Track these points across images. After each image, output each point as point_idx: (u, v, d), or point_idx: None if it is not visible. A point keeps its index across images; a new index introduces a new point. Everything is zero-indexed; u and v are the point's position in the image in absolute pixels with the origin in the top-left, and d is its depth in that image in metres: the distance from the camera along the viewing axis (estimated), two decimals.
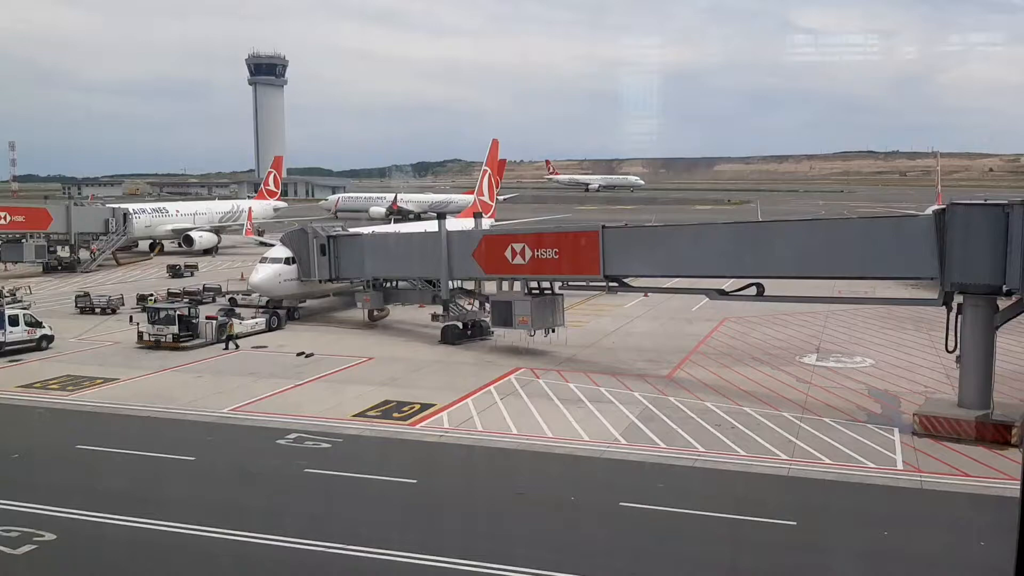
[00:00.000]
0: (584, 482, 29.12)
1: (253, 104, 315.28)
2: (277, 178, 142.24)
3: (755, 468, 29.79)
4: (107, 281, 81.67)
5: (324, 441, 32.69)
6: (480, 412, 36.66)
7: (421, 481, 28.76)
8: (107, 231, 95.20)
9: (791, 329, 56.09)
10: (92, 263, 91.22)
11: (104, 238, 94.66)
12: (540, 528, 25.18)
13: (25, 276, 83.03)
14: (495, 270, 49.59)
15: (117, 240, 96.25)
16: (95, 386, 41.54)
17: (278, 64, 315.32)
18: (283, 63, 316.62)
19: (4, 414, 37.52)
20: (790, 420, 35.21)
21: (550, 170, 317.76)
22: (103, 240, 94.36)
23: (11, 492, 27.18)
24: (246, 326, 53.92)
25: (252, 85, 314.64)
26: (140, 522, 24.96)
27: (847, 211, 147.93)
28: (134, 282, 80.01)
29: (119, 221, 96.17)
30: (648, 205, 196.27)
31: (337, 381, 42.52)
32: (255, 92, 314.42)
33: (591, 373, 43.75)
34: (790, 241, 40.28)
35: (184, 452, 31.47)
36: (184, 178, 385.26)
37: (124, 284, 77.99)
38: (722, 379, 42.60)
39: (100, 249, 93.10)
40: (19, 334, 48.43)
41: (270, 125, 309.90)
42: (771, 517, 25.26)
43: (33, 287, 72.39)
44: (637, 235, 46.71)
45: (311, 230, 58.69)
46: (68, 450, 32.19)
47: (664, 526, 25.17)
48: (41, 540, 23.72)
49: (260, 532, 24.20)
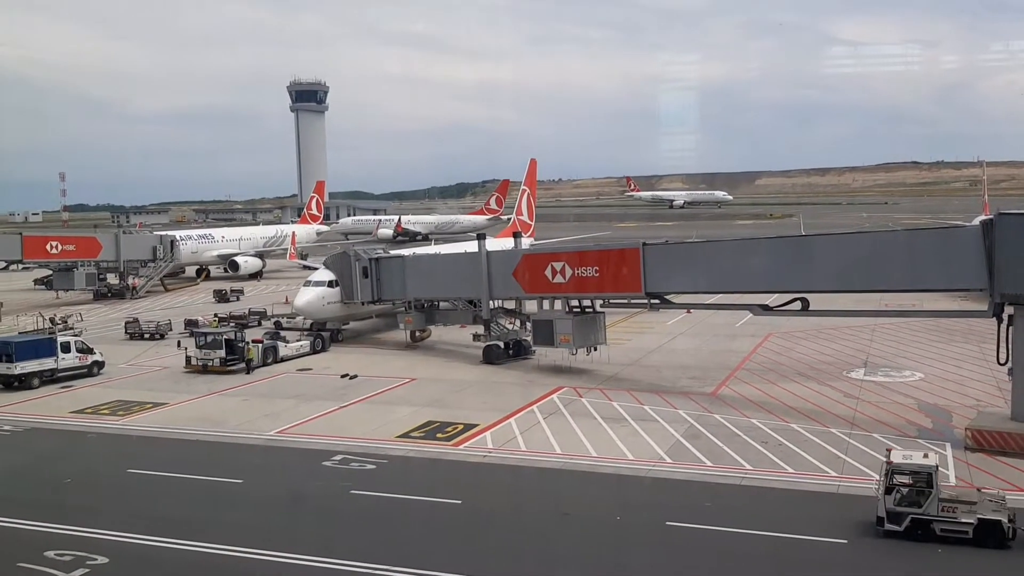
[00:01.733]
0: (629, 501, 28.88)
1: (295, 130, 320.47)
2: (320, 203, 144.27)
3: (804, 486, 29.35)
4: (155, 307, 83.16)
5: (369, 462, 32.87)
6: (523, 432, 36.61)
7: (466, 502, 28.76)
8: (155, 258, 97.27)
9: (837, 343, 55.30)
10: (142, 289, 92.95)
11: (151, 265, 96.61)
12: (586, 548, 25.03)
13: (76, 304, 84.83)
14: (536, 289, 49.62)
15: (165, 267, 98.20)
16: (145, 411, 42.25)
17: (319, 91, 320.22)
18: (324, 89, 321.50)
19: (57, 439, 38.28)
20: (838, 436, 34.67)
21: (631, 187, 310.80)
22: (150, 267, 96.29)
23: (64, 516, 27.71)
24: (291, 349, 54.56)
25: (294, 112, 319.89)
26: (191, 545, 25.28)
27: (891, 223, 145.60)
28: (181, 307, 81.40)
29: (166, 248, 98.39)
30: (688, 221, 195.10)
31: (381, 402, 42.76)
32: (297, 118, 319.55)
33: (635, 391, 43.50)
34: (834, 255, 39.80)
35: (232, 475, 31.84)
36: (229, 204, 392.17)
37: (172, 310, 79.37)
38: (768, 395, 42.11)
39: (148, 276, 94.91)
40: (71, 361, 49.46)
41: (312, 150, 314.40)
42: (821, 535, 24.84)
43: (84, 314, 73.87)
44: (678, 251, 46.46)
45: (353, 253, 59.30)
46: (120, 474, 32.72)
47: (711, 545, 24.86)
48: (94, 564, 24.10)
49: (308, 555, 24.35)
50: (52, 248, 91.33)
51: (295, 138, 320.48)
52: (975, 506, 24.36)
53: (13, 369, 46.54)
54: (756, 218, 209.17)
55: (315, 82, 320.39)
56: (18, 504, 29.23)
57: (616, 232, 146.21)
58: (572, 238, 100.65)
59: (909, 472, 24.86)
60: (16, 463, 35.05)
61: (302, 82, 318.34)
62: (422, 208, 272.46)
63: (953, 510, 24.30)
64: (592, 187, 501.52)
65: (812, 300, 41.62)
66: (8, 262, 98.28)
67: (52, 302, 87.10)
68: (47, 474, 33.40)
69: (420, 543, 25.57)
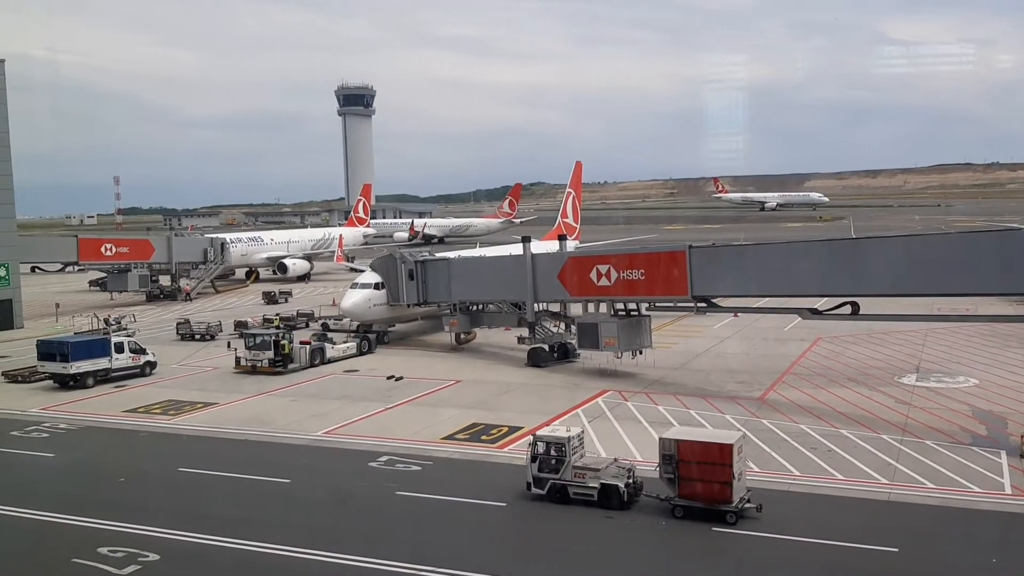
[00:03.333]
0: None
1: (343, 134, 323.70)
2: (366, 206, 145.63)
3: (854, 492, 28.88)
4: (206, 308, 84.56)
5: (414, 463, 33.05)
6: None
7: (511, 504, 28.77)
8: (205, 260, 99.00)
9: (888, 348, 54.32)
10: (194, 291, 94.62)
11: (202, 267, 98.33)
12: (631, 552, 24.88)
13: (129, 305, 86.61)
14: (581, 292, 49.50)
15: (215, 269, 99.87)
16: (195, 410, 42.97)
17: (366, 94, 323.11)
18: (371, 93, 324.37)
19: (110, 438, 39.10)
20: (889, 443, 34.05)
21: (718, 188, 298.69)
22: (201, 269, 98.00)
23: (117, 513, 28.27)
24: (338, 350, 55.10)
25: (342, 115, 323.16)
26: (240, 543, 25.64)
27: (945, 226, 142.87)
28: (231, 309, 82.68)
29: (217, 251, 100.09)
30: (736, 223, 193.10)
31: (426, 404, 42.98)
32: (344, 122, 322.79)
33: (681, 395, 43.17)
34: (886, 258, 39.12)
35: (280, 474, 32.23)
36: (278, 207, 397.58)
37: (222, 311, 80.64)
38: (817, 400, 41.51)
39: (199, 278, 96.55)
40: (124, 361, 50.51)
41: (359, 153, 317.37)
42: (872, 543, 24.41)
43: (137, 315, 75.41)
44: (725, 254, 45.94)
45: (399, 256, 59.72)
46: (171, 473, 33.31)
47: (759, 552, 24.57)
48: (146, 561, 24.56)
49: (355, 555, 24.55)
50: (107, 250, 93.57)
51: (342, 141, 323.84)
52: (599, 472, 27.96)
53: (69, 369, 47.66)
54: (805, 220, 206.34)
55: (362, 86, 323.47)
56: (73, 501, 29.93)
57: (663, 235, 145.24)
58: (618, 241, 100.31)
59: (548, 443, 28.78)
60: (71, 461, 35.86)
61: (349, 86, 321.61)
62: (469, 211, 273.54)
63: (583, 476, 28.08)
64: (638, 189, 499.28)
65: (863, 304, 40.95)
66: (64, 264, 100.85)
67: (106, 303, 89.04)
68: (101, 472, 34.14)
69: (465, 545, 25.64)
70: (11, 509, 29.13)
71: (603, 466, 28.44)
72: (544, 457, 28.67)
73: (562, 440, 28.70)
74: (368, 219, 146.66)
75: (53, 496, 30.83)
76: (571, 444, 28.56)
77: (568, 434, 29.00)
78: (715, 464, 26.43)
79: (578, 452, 28.87)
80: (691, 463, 26.75)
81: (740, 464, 26.73)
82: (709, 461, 26.55)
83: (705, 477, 26.50)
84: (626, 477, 27.94)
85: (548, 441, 28.98)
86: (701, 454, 26.75)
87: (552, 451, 28.67)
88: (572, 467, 28.28)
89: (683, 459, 26.85)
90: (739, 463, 26.60)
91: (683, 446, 27.03)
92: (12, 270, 73.60)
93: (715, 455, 26.54)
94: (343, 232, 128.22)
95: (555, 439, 28.92)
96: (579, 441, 29.25)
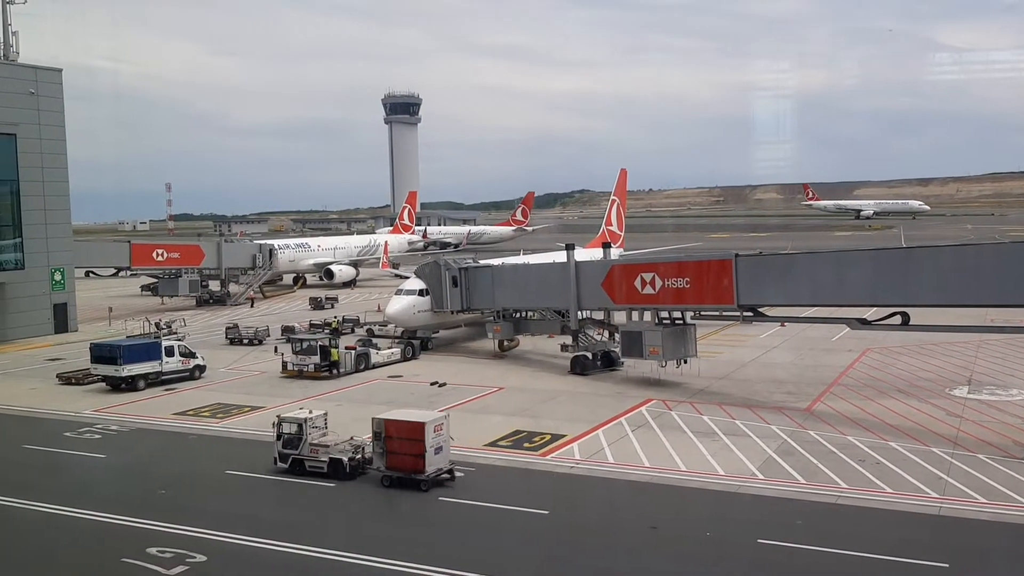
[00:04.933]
0: (720, 517, 28.39)
1: (389, 142, 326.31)
2: (412, 213, 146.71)
3: (902, 506, 28.36)
4: (254, 313, 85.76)
5: (457, 470, 33.13)
6: (611, 444, 36.40)
7: (553, 512, 28.75)
8: (254, 266, 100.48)
9: (939, 360, 53.27)
10: (240, 296, 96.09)
11: (251, 273, 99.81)
12: (676, 564, 24.74)
13: (180, 309, 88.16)
14: (624, 300, 49.32)
15: (264, 274, 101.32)
16: (243, 414, 43.60)
17: (412, 103, 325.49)
18: (417, 102, 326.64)
19: (160, 440, 39.82)
20: (940, 456, 33.39)
21: (808, 195, 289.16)
22: (250, 275, 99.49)
23: (166, 515, 28.78)
24: (383, 356, 55.54)
25: (388, 123, 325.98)
26: (285, 546, 25.94)
27: (998, 235, 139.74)
28: (279, 314, 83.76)
29: (265, 256, 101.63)
30: (783, 232, 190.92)
31: (469, 410, 43.11)
32: (391, 130, 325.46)
33: (726, 405, 42.77)
34: (937, 268, 38.46)
35: (325, 479, 32.48)
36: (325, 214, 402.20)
37: (269, 316, 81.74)
38: (865, 412, 40.85)
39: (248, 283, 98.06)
40: (175, 364, 51.46)
41: (405, 161, 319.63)
42: (921, 558, 23.95)
43: (187, 319, 76.76)
44: (772, 263, 45.53)
45: (443, 262, 60.02)
46: (218, 475, 33.83)
47: (804, 565, 24.25)
48: (193, 562, 24.95)
49: (398, 560, 24.66)
50: (158, 256, 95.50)
51: (388, 149, 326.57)
52: (330, 449, 32.41)
53: (121, 371, 48.68)
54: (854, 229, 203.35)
55: (408, 94, 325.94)
56: (123, 502, 30.54)
57: (708, 243, 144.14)
58: (663, 248, 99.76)
59: (287, 422, 33.07)
60: (121, 462, 36.59)
61: (396, 94, 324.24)
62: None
63: (316, 452, 32.43)
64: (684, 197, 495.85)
65: (913, 315, 40.24)
66: (118, 269, 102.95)
67: (157, 307, 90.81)
68: (151, 473, 34.77)
69: (508, 552, 25.68)
70: (64, 508, 29.80)
71: (335, 443, 32.86)
72: (287, 436, 32.85)
73: (300, 420, 32.95)
74: (413, 226, 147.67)
75: (104, 497, 31.50)
76: (308, 424, 32.78)
77: (306, 415, 33.31)
78: (411, 440, 30.77)
79: (319, 431, 33.14)
80: (394, 439, 31.12)
81: (436, 440, 30.98)
82: (407, 437, 30.88)
83: (404, 451, 30.84)
84: (352, 452, 32.31)
85: (290, 421, 33.12)
86: (401, 431, 31.11)
87: (294, 430, 32.80)
88: (309, 444, 32.59)
89: (388, 435, 31.17)
90: (435, 439, 30.90)
91: (388, 424, 31.43)
92: (67, 275, 75.32)
93: (411, 432, 30.87)
94: (388, 239, 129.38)
95: (295, 419, 33.11)
96: (323, 422, 33.63)
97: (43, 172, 71.66)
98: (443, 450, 31.40)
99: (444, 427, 31.58)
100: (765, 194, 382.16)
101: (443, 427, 31.54)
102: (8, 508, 30.34)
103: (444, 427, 31.58)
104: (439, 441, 31.15)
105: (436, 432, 31.03)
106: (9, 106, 69.08)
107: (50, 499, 30.67)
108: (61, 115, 74.62)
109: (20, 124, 68.32)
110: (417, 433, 30.67)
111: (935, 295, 38.10)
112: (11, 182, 66.97)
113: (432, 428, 30.89)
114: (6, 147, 66.41)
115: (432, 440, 30.75)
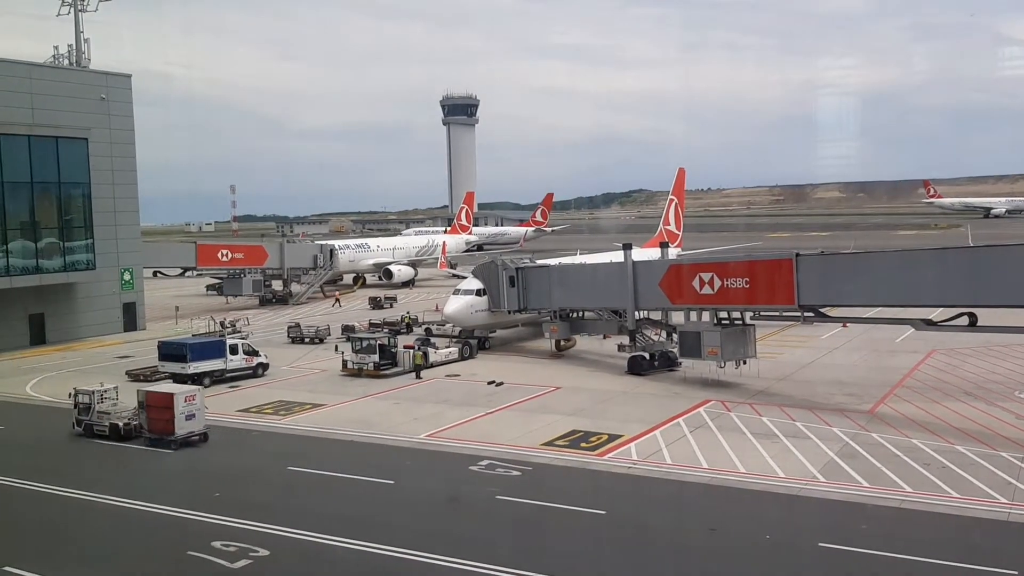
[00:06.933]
0: (780, 520, 28.03)
1: (447, 143, 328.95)
2: (469, 213, 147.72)
3: (970, 511, 27.69)
4: (315, 313, 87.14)
5: (515, 469, 33.30)
6: (669, 445, 36.20)
7: (611, 512, 28.71)
8: (315, 266, 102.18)
9: (1009, 362, 51.82)
10: (302, 296, 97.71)
11: (312, 272, 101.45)
12: (734, 566, 24.53)
13: (244, 308, 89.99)
14: (682, 300, 48.95)
15: (325, 274, 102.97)
16: (304, 411, 44.35)
17: (469, 104, 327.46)
18: (474, 103, 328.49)
19: (224, 436, 40.66)
20: (1010, 461, 32.50)
21: (929, 192, 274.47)
22: (311, 275, 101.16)
23: (230, 510, 29.44)
24: (440, 355, 55.98)
25: (446, 125, 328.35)
26: (347, 542, 26.35)
27: None
28: (340, 313, 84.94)
29: (326, 257, 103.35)
30: (845, 231, 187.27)
31: (526, 410, 43.24)
32: (448, 131, 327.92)
33: (786, 407, 42.21)
34: (1008, 267, 37.41)
35: (384, 475, 32.98)
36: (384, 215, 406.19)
37: (330, 316, 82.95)
38: (931, 415, 39.95)
39: (309, 283, 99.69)
40: (238, 362, 52.59)
41: (462, 162, 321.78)
42: (989, 565, 23.39)
43: (250, 318, 78.32)
44: (835, 263, 44.66)
45: (500, 262, 60.28)
46: (281, 471, 34.48)
47: (867, 570, 23.82)
48: (256, 556, 25.48)
49: (457, 557, 24.85)
50: (223, 256, 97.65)
51: (446, 150, 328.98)
52: (111, 415, 39.30)
53: (187, 369, 49.84)
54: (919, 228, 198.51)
55: (466, 96, 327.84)
56: (189, 496, 31.29)
57: (768, 242, 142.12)
58: (721, 248, 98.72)
59: (82, 394, 40.25)
60: (188, 457, 37.44)
61: (454, 96, 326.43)
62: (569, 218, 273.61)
63: (102, 418, 39.27)
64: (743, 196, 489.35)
65: (981, 316, 39.24)
66: (184, 269, 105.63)
67: (222, 306, 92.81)
68: (216, 469, 35.59)
69: (567, 552, 25.72)
70: (132, 502, 30.71)
71: (118, 412, 39.48)
72: (82, 405, 39.92)
73: (90, 392, 39.93)
74: (471, 226, 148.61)
75: (171, 492, 32.29)
76: (96, 396, 39.66)
77: (96, 389, 40.14)
78: (163, 407, 37.35)
79: (110, 401, 40.04)
80: (152, 407, 37.81)
81: (187, 408, 37.33)
82: (160, 405, 37.51)
83: (158, 417, 37.51)
84: (127, 419, 38.99)
85: (84, 393, 40.18)
86: (157, 401, 37.77)
87: (86, 400, 39.83)
88: (96, 412, 39.47)
89: (148, 404, 37.96)
90: (185, 407, 37.22)
91: (149, 395, 38.20)
92: (136, 275, 77.43)
93: (164, 401, 37.48)
94: (446, 239, 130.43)
95: (87, 391, 40.15)
96: (115, 395, 40.57)
97: (113, 175, 73.80)
98: (195, 417, 37.72)
99: (197, 398, 38.04)
100: (826, 192, 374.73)
101: (195, 398, 37.94)
102: (78, 500, 31.36)
103: (197, 398, 38.04)
104: (191, 409, 37.49)
105: (187, 402, 37.42)
106: (81, 111, 71.23)
107: (117, 493, 31.70)
108: (131, 119, 76.72)
109: (91, 129, 70.35)
110: (167, 402, 37.16)
111: (1005, 295, 37.04)
112: (83, 185, 69.05)
113: (183, 398, 37.31)
114: (78, 151, 68.52)
115: (182, 408, 37.12)
